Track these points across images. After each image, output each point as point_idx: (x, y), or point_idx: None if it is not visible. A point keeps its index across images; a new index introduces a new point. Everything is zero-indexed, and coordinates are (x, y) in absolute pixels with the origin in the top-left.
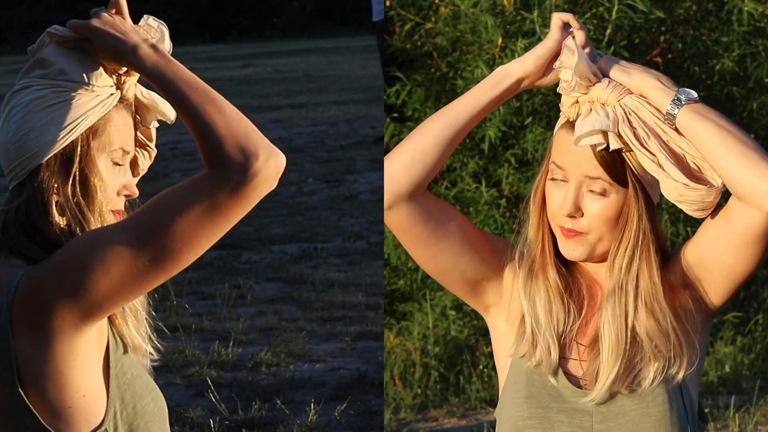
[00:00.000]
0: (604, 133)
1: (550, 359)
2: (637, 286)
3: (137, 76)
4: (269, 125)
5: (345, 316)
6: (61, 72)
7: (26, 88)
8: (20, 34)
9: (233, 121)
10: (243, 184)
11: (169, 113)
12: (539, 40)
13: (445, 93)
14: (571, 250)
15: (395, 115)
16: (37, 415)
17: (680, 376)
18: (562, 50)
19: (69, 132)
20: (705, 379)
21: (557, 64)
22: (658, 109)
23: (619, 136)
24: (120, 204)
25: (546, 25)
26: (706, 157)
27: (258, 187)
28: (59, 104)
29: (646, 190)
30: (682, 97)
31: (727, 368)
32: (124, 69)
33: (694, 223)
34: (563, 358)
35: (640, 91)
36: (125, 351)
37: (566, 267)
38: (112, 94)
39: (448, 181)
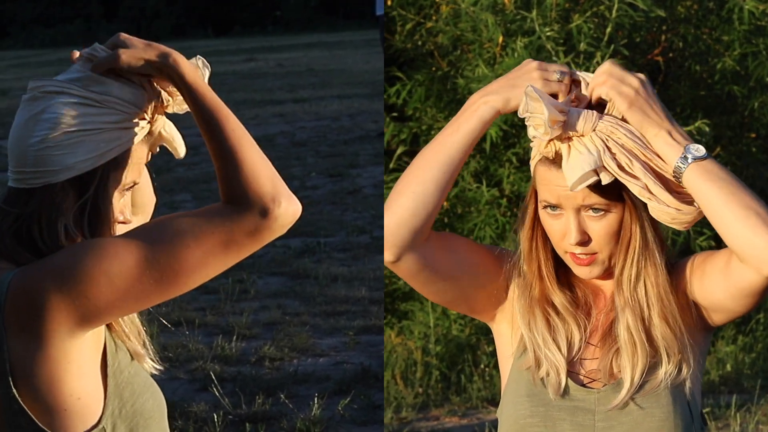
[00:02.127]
0: (595, 170)
1: (558, 381)
2: (646, 294)
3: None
4: (272, 119)
5: (348, 311)
6: (104, 90)
7: (61, 94)
8: (22, 29)
9: (260, 162)
10: (262, 227)
11: (180, 149)
12: (539, 38)
13: (446, 92)
14: (587, 273)
15: (395, 114)
16: (32, 415)
17: (687, 380)
18: (523, 99)
19: (94, 160)
20: (706, 378)
21: (522, 111)
22: (630, 128)
23: (604, 167)
24: (114, 229)
25: (546, 23)
26: (708, 217)
27: (274, 231)
28: (92, 130)
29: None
30: (689, 156)
31: (728, 367)
32: (162, 102)
33: (696, 224)
34: (571, 360)
35: (650, 142)
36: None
37: (567, 280)
38: (143, 128)
39: None
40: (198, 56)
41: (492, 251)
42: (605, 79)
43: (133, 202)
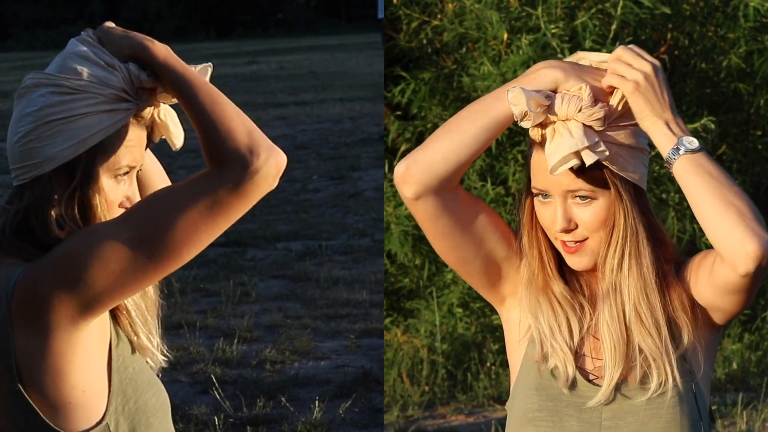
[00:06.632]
0: (577, 153)
1: (567, 373)
2: (627, 286)
3: (161, 100)
4: (274, 122)
5: (349, 314)
6: (77, 76)
7: (38, 87)
8: (25, 30)
9: (236, 119)
10: (243, 181)
11: (177, 140)
12: (544, 36)
13: (451, 90)
14: (577, 262)
15: (399, 113)
16: (38, 410)
17: (689, 379)
18: (508, 100)
19: (75, 147)
20: (712, 376)
21: (516, 115)
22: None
23: (587, 148)
24: (119, 213)
25: (551, 21)
26: (693, 211)
27: (258, 184)
28: (70, 117)
29: (631, 186)
30: (681, 148)
31: (734, 365)
32: (153, 85)
33: None
34: (577, 354)
35: (647, 131)
36: (132, 351)
37: (570, 272)
38: (128, 110)
39: None
40: (209, 64)
41: (513, 232)
42: (614, 67)
43: (147, 186)
